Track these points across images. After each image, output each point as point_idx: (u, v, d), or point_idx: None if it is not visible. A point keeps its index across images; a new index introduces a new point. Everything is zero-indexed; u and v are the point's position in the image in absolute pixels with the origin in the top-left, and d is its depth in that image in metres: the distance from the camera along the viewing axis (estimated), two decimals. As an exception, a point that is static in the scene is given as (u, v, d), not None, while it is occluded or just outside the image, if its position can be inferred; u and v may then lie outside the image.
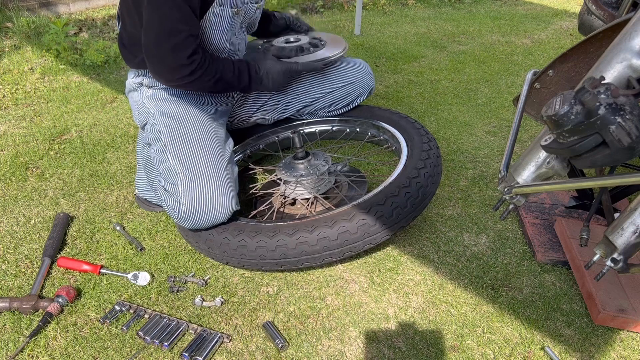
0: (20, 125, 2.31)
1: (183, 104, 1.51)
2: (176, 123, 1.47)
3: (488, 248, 1.56)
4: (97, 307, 1.33)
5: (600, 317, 1.26)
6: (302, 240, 1.28)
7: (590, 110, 0.81)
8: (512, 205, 1.20)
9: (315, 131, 1.92)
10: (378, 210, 1.30)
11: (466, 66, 3.14)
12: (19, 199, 1.78)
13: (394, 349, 1.23)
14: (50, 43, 3.16)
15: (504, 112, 2.49)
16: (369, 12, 4.44)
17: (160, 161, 1.46)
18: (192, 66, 1.37)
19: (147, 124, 1.54)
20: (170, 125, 1.47)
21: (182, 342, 1.23)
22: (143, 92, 1.55)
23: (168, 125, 1.47)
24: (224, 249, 1.35)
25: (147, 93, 1.53)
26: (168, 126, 1.47)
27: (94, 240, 1.59)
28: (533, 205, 1.70)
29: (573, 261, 1.43)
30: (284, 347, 1.21)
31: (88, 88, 2.74)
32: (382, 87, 2.79)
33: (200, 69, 1.39)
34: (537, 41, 3.68)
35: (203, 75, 1.41)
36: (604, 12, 1.84)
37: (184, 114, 1.49)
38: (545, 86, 1.41)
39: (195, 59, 1.37)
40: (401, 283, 1.43)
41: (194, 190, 1.36)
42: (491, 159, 2.07)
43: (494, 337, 1.25)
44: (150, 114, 1.51)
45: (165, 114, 1.49)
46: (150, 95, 1.53)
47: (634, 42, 0.92)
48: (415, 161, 1.45)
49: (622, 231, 0.92)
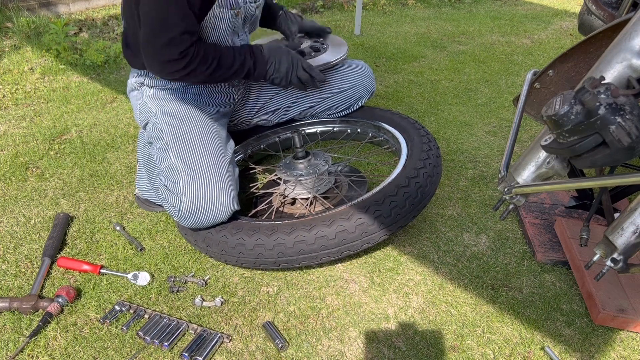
0: (20, 125, 2.31)
1: (185, 103, 1.51)
2: (178, 122, 1.47)
3: (488, 248, 1.56)
4: (97, 307, 1.33)
5: (600, 317, 1.26)
6: (300, 239, 1.28)
7: (590, 110, 0.81)
8: (512, 205, 1.20)
9: (317, 131, 1.92)
10: (376, 209, 1.30)
11: (466, 66, 3.14)
12: (19, 199, 1.78)
13: (394, 349, 1.23)
14: (50, 43, 3.16)
15: (504, 112, 2.49)
16: (369, 12, 4.44)
17: (162, 159, 1.46)
18: (184, 61, 1.36)
19: (149, 123, 1.54)
20: (172, 123, 1.47)
21: (182, 342, 1.23)
22: (144, 91, 1.55)
23: (170, 124, 1.47)
24: (222, 247, 1.35)
25: (148, 93, 1.53)
26: (170, 125, 1.47)
27: (94, 240, 1.59)
28: (533, 205, 1.70)
29: (573, 261, 1.43)
30: (284, 347, 1.21)
31: (88, 88, 2.74)
32: (382, 87, 2.79)
33: (193, 62, 1.38)
34: (537, 41, 3.68)
35: (198, 67, 1.40)
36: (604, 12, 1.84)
37: (186, 113, 1.49)
38: (545, 86, 1.41)
39: (188, 53, 1.36)
40: (401, 283, 1.43)
41: (195, 188, 1.36)
42: (491, 159, 2.06)
43: (494, 337, 1.25)
44: (152, 113, 1.51)
45: (166, 113, 1.49)
46: (151, 95, 1.53)
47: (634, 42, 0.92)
48: (414, 161, 1.45)
49: (622, 231, 0.92)
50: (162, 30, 1.32)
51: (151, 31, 1.33)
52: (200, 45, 1.39)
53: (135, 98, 1.60)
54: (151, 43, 1.35)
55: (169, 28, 1.31)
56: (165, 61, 1.36)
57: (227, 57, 1.47)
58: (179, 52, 1.34)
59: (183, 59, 1.36)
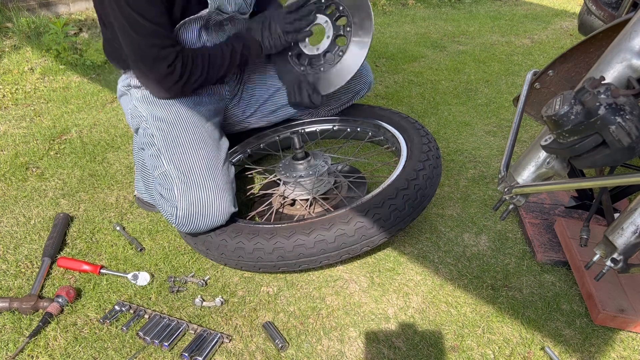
0: (20, 125, 2.31)
1: (175, 105, 1.49)
2: (169, 126, 1.45)
3: (488, 248, 1.56)
4: (97, 307, 1.33)
5: (600, 317, 1.26)
6: (300, 242, 1.28)
7: (590, 110, 0.81)
8: (512, 205, 1.20)
9: (316, 130, 1.92)
10: (376, 213, 1.29)
11: (466, 66, 3.14)
12: (19, 199, 1.78)
13: (394, 349, 1.23)
14: (50, 43, 3.16)
15: (504, 112, 2.49)
16: (369, 12, 4.44)
17: (155, 167, 1.44)
18: (176, 71, 1.38)
19: (140, 128, 1.52)
20: (162, 128, 1.45)
21: (182, 342, 1.23)
22: (133, 94, 1.54)
23: (160, 129, 1.45)
24: (221, 251, 1.35)
25: (137, 95, 1.52)
26: (160, 129, 1.45)
27: (94, 241, 1.59)
28: (533, 205, 1.70)
29: (573, 261, 1.43)
30: (284, 347, 1.21)
31: (88, 88, 2.74)
32: (382, 87, 2.79)
33: (186, 68, 1.40)
34: (537, 41, 3.68)
35: (192, 71, 1.42)
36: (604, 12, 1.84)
37: (176, 116, 1.47)
38: (545, 86, 1.41)
39: (177, 64, 1.38)
40: (401, 283, 1.42)
41: (190, 195, 1.35)
42: (491, 159, 2.06)
43: (494, 337, 1.25)
44: (143, 118, 1.50)
45: (157, 118, 1.47)
46: (140, 98, 1.52)
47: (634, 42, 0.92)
48: (414, 163, 1.44)
49: (622, 231, 0.92)
50: (143, 56, 1.35)
51: (134, 61, 1.38)
52: (186, 52, 1.41)
53: (126, 102, 1.59)
54: (139, 71, 1.41)
55: (148, 52, 1.34)
56: (159, 79, 1.39)
57: (215, 53, 1.48)
58: (167, 65, 1.36)
59: (174, 70, 1.38)
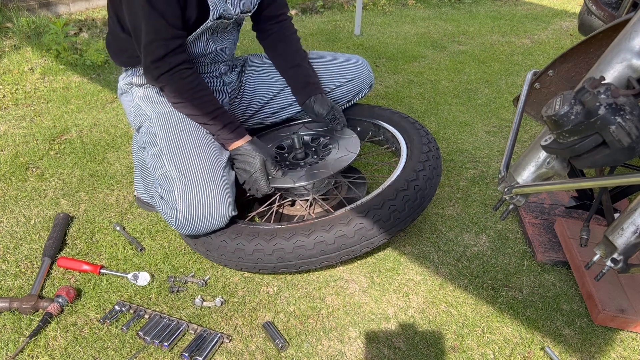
0: (20, 125, 2.31)
1: None
2: (172, 126, 1.45)
3: (488, 248, 1.56)
4: (97, 307, 1.33)
5: (600, 317, 1.26)
6: (300, 244, 1.28)
7: (590, 110, 0.81)
8: (512, 205, 1.20)
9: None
10: (375, 214, 1.29)
11: (466, 66, 3.14)
12: (19, 199, 1.78)
13: (394, 349, 1.23)
14: (50, 43, 3.16)
15: (504, 112, 2.50)
16: (369, 12, 4.44)
17: (156, 167, 1.43)
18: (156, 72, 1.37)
19: (142, 127, 1.52)
20: (165, 128, 1.45)
21: (182, 342, 1.23)
22: (134, 92, 1.53)
23: (163, 128, 1.45)
24: (221, 252, 1.35)
25: (138, 93, 1.52)
26: (163, 129, 1.44)
27: (94, 241, 1.59)
28: (533, 205, 1.70)
29: (573, 261, 1.43)
30: (284, 347, 1.21)
31: (88, 88, 2.74)
32: (382, 87, 2.79)
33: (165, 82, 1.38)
34: (537, 41, 3.68)
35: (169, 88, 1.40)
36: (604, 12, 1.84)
37: (180, 117, 1.46)
38: (545, 86, 1.41)
39: (160, 67, 1.36)
40: (401, 283, 1.42)
41: (190, 197, 1.34)
42: (491, 159, 2.06)
43: (494, 337, 1.25)
44: (147, 117, 1.49)
45: (160, 116, 1.47)
46: (142, 96, 1.51)
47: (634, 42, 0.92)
48: (414, 163, 1.44)
49: (622, 231, 0.92)
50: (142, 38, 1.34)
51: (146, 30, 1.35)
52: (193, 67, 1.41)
53: (127, 101, 1.59)
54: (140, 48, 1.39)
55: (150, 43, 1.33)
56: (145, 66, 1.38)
57: (208, 99, 1.43)
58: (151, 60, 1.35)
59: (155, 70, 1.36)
